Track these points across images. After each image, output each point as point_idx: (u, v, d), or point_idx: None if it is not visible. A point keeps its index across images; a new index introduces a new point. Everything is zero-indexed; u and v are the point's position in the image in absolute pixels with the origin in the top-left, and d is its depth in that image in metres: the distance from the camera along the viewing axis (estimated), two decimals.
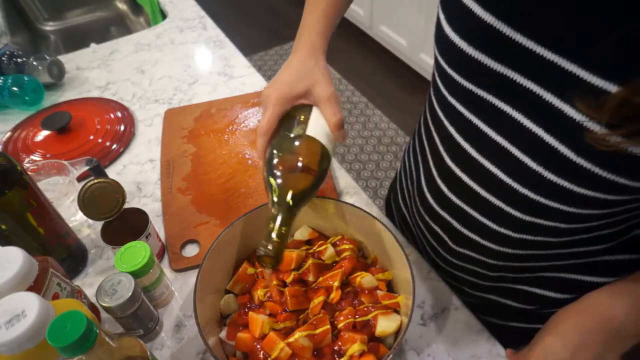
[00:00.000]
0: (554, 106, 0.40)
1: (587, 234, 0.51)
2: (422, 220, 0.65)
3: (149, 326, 0.57)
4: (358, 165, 2.07)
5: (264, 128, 0.52)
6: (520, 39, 0.39)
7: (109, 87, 1.02)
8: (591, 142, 0.37)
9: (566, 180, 0.43)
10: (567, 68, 0.38)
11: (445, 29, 0.46)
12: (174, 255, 0.68)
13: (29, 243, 0.58)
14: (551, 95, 0.40)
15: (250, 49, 2.74)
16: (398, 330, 0.52)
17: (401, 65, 2.51)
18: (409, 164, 0.70)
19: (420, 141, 0.62)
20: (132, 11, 1.47)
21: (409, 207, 0.71)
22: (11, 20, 1.28)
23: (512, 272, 0.58)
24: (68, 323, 0.34)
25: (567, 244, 0.52)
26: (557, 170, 0.43)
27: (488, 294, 0.64)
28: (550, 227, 0.49)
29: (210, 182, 0.78)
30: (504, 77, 0.42)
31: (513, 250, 0.54)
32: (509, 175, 0.47)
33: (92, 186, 0.60)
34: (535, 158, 0.44)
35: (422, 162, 0.62)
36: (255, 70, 1.05)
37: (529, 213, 0.48)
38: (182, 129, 0.89)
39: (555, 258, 0.55)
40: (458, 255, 0.61)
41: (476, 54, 0.43)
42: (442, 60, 0.48)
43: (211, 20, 1.22)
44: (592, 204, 0.44)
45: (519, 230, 0.51)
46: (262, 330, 0.51)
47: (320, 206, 0.61)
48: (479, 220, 0.54)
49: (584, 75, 0.37)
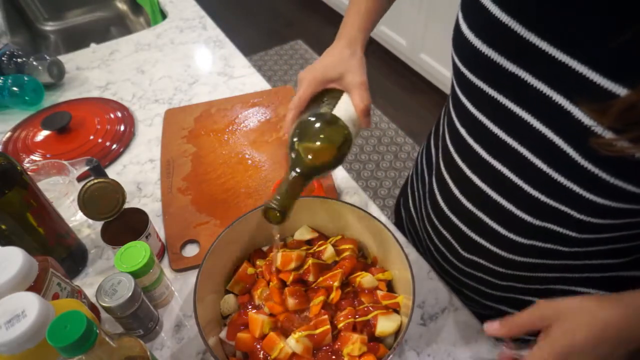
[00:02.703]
0: (563, 108, 0.40)
1: (601, 245, 0.50)
2: (431, 225, 0.65)
3: (149, 326, 0.57)
4: (358, 165, 2.07)
5: (295, 103, 0.55)
6: (533, 38, 0.39)
7: (109, 87, 1.02)
8: (596, 147, 0.37)
9: (575, 184, 0.43)
10: (578, 70, 0.37)
11: (462, 26, 0.46)
12: (174, 255, 0.68)
13: (29, 243, 0.58)
14: (561, 97, 0.40)
15: (250, 49, 2.74)
16: (398, 330, 0.52)
17: (401, 65, 2.51)
18: (421, 167, 0.70)
19: (436, 143, 0.63)
20: (132, 11, 1.47)
21: (419, 212, 0.71)
22: (11, 20, 1.27)
23: (522, 282, 0.58)
24: (68, 323, 0.34)
25: (580, 255, 0.51)
26: (567, 174, 0.43)
27: (497, 303, 0.64)
28: (561, 234, 0.48)
29: (210, 182, 0.78)
30: (516, 77, 0.42)
31: (523, 258, 0.53)
32: (519, 177, 0.47)
33: (92, 186, 0.60)
34: (545, 160, 0.44)
35: (434, 165, 0.62)
36: (255, 70, 1.05)
37: (539, 217, 0.48)
38: (182, 129, 0.89)
39: (567, 269, 0.54)
40: (467, 262, 0.60)
41: (489, 52, 0.43)
42: (456, 58, 0.49)
43: (211, 20, 1.22)
44: (604, 212, 0.43)
45: (529, 236, 0.51)
46: (262, 330, 0.51)
47: (320, 206, 0.61)
48: (489, 224, 0.53)
49: (594, 78, 0.36)
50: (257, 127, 0.88)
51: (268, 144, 0.85)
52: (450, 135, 0.56)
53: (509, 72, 0.42)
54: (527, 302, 0.60)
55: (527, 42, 0.40)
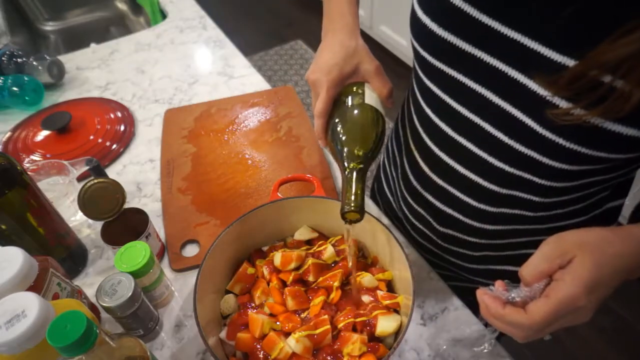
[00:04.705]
0: (519, 82, 0.42)
1: (562, 208, 0.53)
2: (406, 204, 0.68)
3: (149, 326, 0.57)
4: None
5: (321, 110, 0.55)
6: (485, 19, 0.42)
7: (109, 87, 1.02)
8: (553, 117, 0.40)
9: (536, 152, 0.45)
10: (529, 45, 0.40)
11: (418, 12, 0.49)
12: (174, 255, 0.68)
13: (29, 243, 0.58)
14: (516, 72, 0.42)
15: (250, 49, 2.74)
16: (398, 330, 0.52)
17: (401, 65, 2.51)
18: (392, 150, 0.73)
19: (403, 125, 0.65)
20: (132, 11, 1.47)
21: (394, 193, 0.74)
22: (11, 20, 1.27)
23: (495, 250, 0.60)
24: (68, 323, 0.34)
25: (544, 218, 0.54)
26: (527, 143, 0.46)
27: (475, 276, 0.66)
28: (525, 200, 0.51)
29: (210, 182, 0.78)
30: (472, 56, 0.45)
31: (493, 227, 0.56)
32: (483, 150, 0.50)
33: (92, 186, 0.60)
34: (505, 132, 0.47)
35: (404, 146, 0.65)
36: (255, 70, 1.05)
37: (505, 186, 0.51)
38: (182, 129, 0.89)
39: (534, 233, 0.57)
40: (442, 236, 0.62)
41: (446, 35, 0.46)
42: (416, 43, 0.52)
43: (211, 20, 1.22)
44: (562, 176, 0.46)
45: (497, 205, 0.54)
46: (262, 330, 0.51)
47: (320, 206, 0.61)
48: (459, 197, 0.56)
49: (545, 52, 0.39)
50: (257, 127, 0.88)
51: (268, 144, 0.85)
52: (418, 115, 0.58)
53: (465, 52, 0.45)
54: (502, 271, 0.63)
55: (480, 22, 0.43)
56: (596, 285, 0.37)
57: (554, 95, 0.40)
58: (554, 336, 1.47)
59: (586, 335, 1.47)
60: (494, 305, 0.40)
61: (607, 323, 1.49)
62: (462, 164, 0.54)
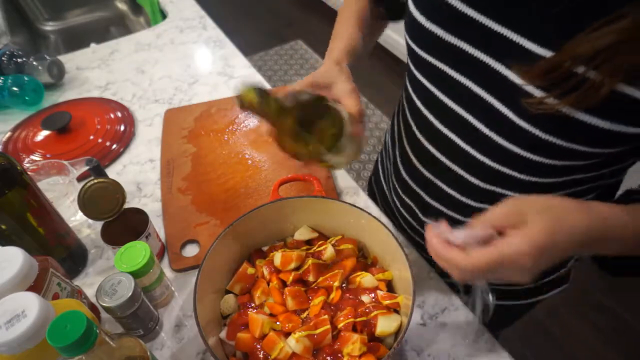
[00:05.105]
0: (499, 73, 0.44)
1: None
2: (396, 195, 0.71)
3: (149, 326, 0.57)
4: (358, 165, 2.07)
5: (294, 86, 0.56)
6: (471, 12, 0.45)
7: (109, 87, 1.02)
8: (528, 105, 0.42)
9: (514, 144, 0.47)
10: (512, 38, 0.42)
11: (410, 6, 0.52)
12: (174, 255, 0.68)
13: (29, 243, 0.58)
14: (499, 65, 0.44)
15: (250, 49, 2.74)
16: (398, 330, 0.52)
17: (401, 65, 2.51)
18: (387, 143, 0.76)
19: (398, 118, 0.67)
20: (132, 11, 1.47)
21: (388, 184, 0.76)
22: (11, 20, 1.27)
23: None
24: (68, 323, 0.34)
25: None
26: (505, 135, 0.48)
27: None
28: (506, 196, 0.51)
29: (210, 182, 0.78)
30: (458, 48, 0.47)
31: None
32: (467, 143, 0.52)
33: (92, 186, 0.60)
34: (486, 124, 0.49)
35: (397, 139, 0.67)
36: (255, 70, 1.05)
37: (487, 181, 0.53)
38: (182, 129, 0.89)
39: None
40: None
41: (433, 27, 0.48)
42: (408, 37, 0.54)
43: (211, 20, 1.22)
44: (542, 171, 0.48)
45: (479, 200, 0.56)
46: (262, 330, 0.51)
47: (320, 206, 0.61)
48: (444, 190, 0.59)
49: (526, 44, 0.41)
50: (257, 127, 0.89)
51: (268, 144, 0.85)
52: (409, 108, 0.61)
53: (452, 45, 0.47)
54: None
55: (464, 14, 0.45)
56: (546, 250, 0.38)
57: (529, 84, 0.41)
58: (553, 337, 1.47)
59: (586, 336, 1.47)
60: (440, 245, 0.42)
61: (606, 323, 1.49)
62: (448, 156, 0.56)
